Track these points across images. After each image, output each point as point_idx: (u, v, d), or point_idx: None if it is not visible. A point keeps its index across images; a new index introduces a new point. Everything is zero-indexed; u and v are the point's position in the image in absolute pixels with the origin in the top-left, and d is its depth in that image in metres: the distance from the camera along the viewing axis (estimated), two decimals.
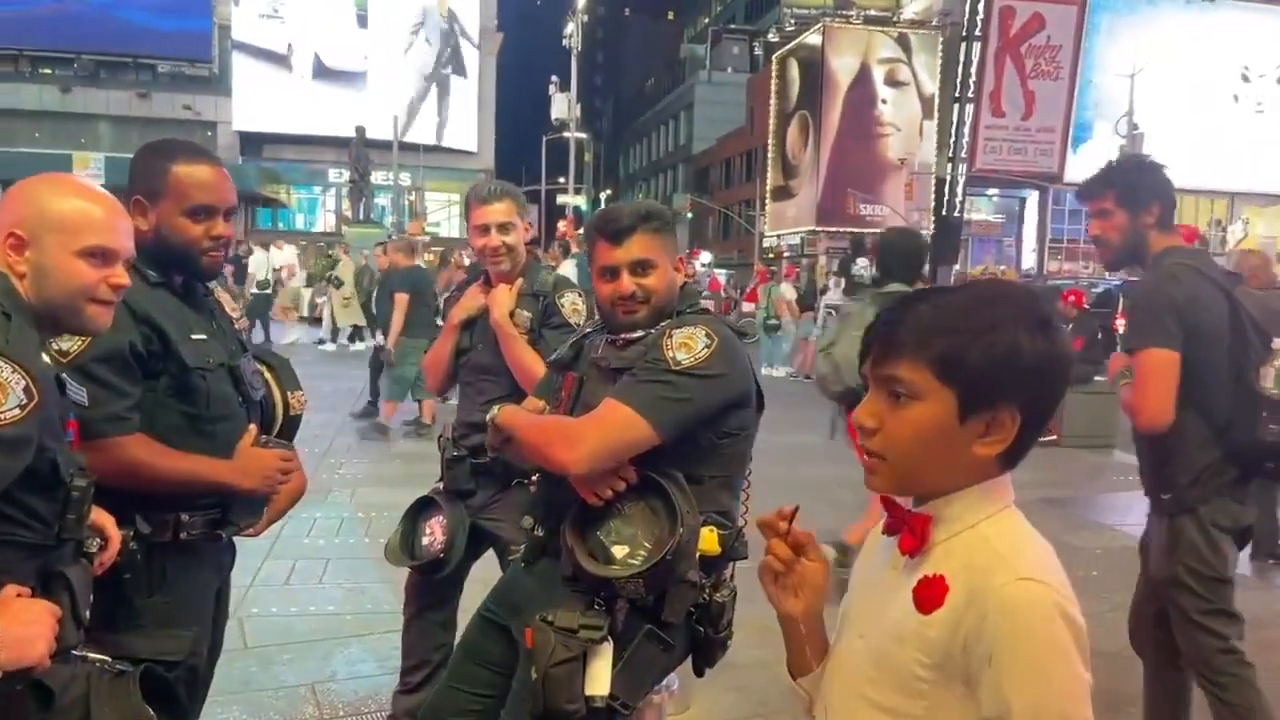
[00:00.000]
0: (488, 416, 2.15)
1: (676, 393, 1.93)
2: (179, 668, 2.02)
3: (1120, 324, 7.38)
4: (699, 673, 2.14)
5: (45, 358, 1.56)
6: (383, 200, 32.28)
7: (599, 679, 1.89)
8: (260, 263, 17.08)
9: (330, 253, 24.84)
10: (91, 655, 1.66)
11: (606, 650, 1.91)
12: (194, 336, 2.02)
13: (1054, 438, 9.78)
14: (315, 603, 4.51)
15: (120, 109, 34.34)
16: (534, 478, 2.83)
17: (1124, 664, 3.20)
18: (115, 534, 1.81)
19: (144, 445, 1.93)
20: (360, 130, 26.09)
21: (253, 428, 2.10)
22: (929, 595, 1.16)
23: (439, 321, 8.59)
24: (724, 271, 34.99)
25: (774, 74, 41.96)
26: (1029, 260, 37.40)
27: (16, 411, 1.40)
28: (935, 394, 1.15)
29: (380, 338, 8.79)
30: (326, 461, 7.67)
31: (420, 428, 8.79)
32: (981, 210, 38.19)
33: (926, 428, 1.16)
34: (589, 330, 2.28)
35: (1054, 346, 1.17)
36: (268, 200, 35.04)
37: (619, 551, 1.94)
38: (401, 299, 8.44)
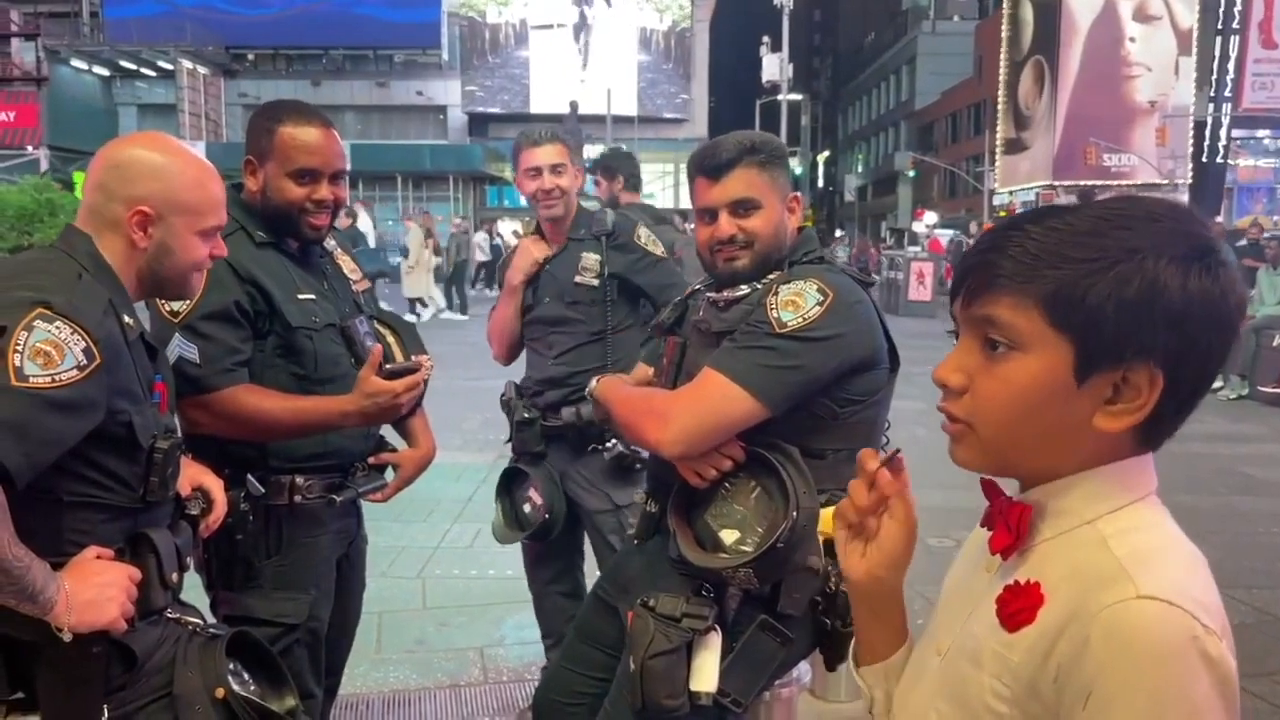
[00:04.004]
0: (587, 390, 2.00)
1: (782, 359, 1.68)
2: (298, 630, 2.04)
3: None
4: (830, 668, 1.90)
5: (130, 320, 1.55)
6: None
7: (705, 673, 1.70)
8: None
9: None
10: (187, 619, 1.67)
11: (715, 642, 1.72)
12: (300, 296, 2.01)
13: None
14: (495, 566, 4.58)
15: (363, 98, 37.00)
16: (609, 444, 2.69)
17: None
18: (221, 497, 1.81)
19: (251, 391, 1.94)
20: (573, 105, 26.72)
21: (377, 348, 1.98)
22: (1018, 607, 0.88)
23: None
24: (949, 231, 33.10)
25: (1005, 18, 39.00)
26: None
27: (74, 373, 1.39)
28: (1044, 344, 0.87)
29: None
30: None
31: None
32: (1250, 154, 34.02)
33: (1030, 388, 0.88)
34: (696, 287, 2.05)
35: (1215, 285, 0.85)
36: (493, 179, 36.68)
37: (728, 537, 1.73)
38: None
